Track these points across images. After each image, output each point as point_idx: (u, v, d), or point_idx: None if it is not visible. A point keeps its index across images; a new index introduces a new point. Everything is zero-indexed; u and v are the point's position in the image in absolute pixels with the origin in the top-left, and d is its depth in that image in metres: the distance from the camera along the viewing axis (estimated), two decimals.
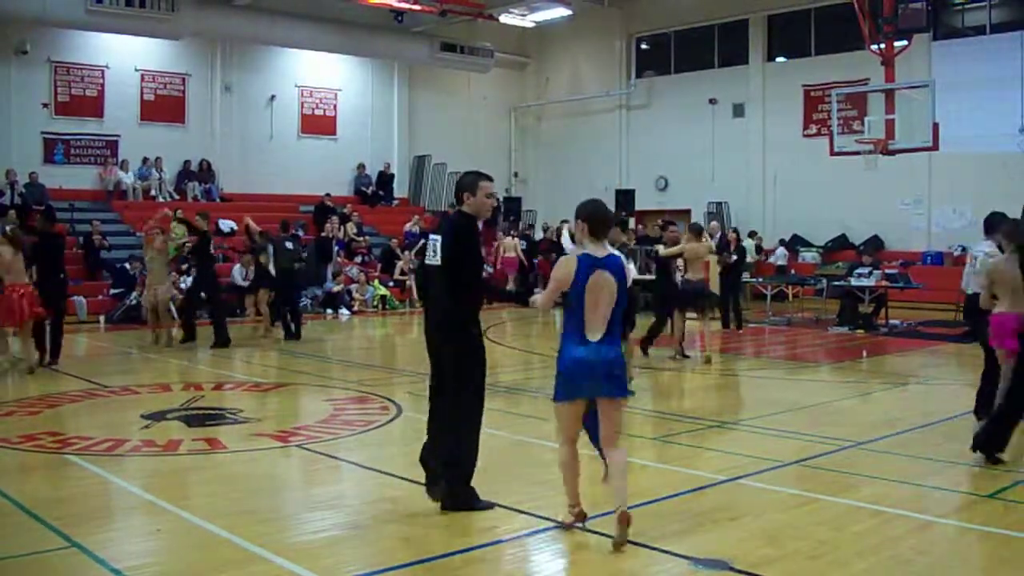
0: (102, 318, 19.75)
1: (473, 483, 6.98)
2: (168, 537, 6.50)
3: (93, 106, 26.74)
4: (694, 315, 15.69)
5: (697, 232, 15.77)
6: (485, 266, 9.45)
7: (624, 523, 6.12)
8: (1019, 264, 8.73)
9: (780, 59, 29.90)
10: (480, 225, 7.22)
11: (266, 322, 19.13)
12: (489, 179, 7.17)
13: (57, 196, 24.85)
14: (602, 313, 6.28)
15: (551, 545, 6.40)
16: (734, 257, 20.38)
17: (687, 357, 15.41)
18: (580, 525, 6.51)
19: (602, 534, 6.36)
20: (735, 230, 21.71)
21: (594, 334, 6.27)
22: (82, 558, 5.96)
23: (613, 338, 6.32)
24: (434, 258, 6.94)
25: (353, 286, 24.91)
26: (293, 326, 18.55)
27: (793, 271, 26.47)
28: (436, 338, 7.10)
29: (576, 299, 6.29)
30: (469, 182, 7.06)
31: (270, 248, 19.08)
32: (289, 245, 19.05)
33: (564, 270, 6.32)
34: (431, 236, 7.14)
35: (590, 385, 6.28)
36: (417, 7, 28.16)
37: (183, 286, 22.02)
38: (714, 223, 26.40)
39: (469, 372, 6.97)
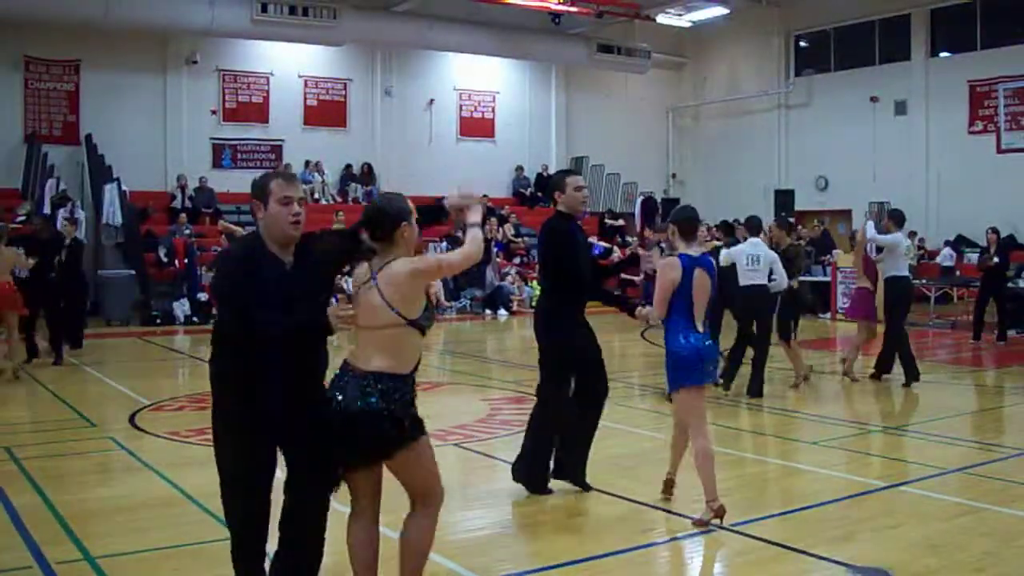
0: None
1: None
2: (328, 530, 6.68)
3: (259, 112, 27.65)
4: None
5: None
6: None
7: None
8: None
9: (944, 54, 28.98)
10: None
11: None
12: (576, 173, 7.43)
13: (225, 200, 25.72)
14: None
15: (706, 549, 6.39)
16: (995, 260, 18.62)
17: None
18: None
19: (760, 539, 6.33)
20: (995, 230, 20.08)
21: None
22: None
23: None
24: None
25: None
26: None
27: (959, 272, 25.57)
28: (538, 337, 7.37)
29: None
30: (556, 181, 7.26)
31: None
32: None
33: (671, 274, 6.62)
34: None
35: None
36: (574, 9, 28.22)
37: None
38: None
39: (554, 373, 7.27)
